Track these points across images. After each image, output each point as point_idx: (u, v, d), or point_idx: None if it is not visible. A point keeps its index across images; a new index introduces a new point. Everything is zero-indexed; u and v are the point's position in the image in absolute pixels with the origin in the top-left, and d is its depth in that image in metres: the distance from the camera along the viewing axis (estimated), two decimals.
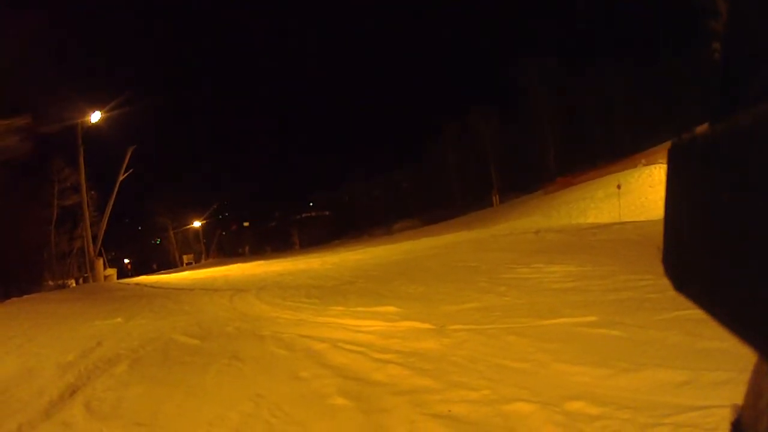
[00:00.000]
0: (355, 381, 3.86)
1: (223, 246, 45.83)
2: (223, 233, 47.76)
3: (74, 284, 24.72)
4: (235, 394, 4.13)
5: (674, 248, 0.61)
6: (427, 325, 5.12)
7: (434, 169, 51.67)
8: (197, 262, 38.86)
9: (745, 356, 0.50)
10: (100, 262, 25.44)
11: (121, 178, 26.29)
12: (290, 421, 3.34)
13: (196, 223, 44.69)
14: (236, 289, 11.69)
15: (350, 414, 3.26)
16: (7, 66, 19.35)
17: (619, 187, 22.46)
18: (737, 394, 0.59)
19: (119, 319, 8.60)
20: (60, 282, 24.42)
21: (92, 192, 26.75)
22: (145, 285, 17.03)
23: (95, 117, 23.61)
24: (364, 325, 5.49)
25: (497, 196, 44.51)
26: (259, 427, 3.35)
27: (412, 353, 4.33)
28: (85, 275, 25.54)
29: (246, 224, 48.33)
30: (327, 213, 45.54)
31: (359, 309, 6.30)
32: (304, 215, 47.55)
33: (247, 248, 42.28)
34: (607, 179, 28.33)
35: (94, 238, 25.30)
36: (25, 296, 14.77)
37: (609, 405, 2.79)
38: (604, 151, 43.62)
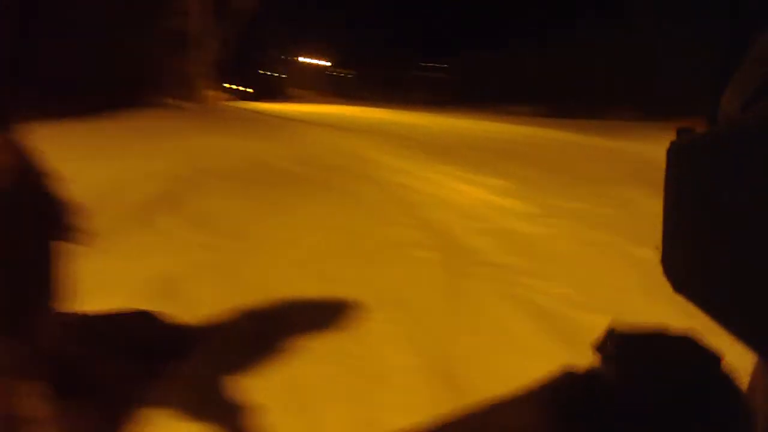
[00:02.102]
0: (443, 239, 3.83)
1: (342, 86, 46.07)
2: (344, 74, 47.79)
3: (182, 104, 26.19)
4: (323, 223, 4.24)
5: (674, 248, 0.61)
6: (530, 208, 5.02)
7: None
8: (308, 98, 39.64)
9: None
10: (214, 84, 26.63)
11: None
12: (369, 261, 3.37)
13: (316, 61, 44.97)
14: (345, 128, 11.80)
15: (430, 269, 3.26)
16: None
17: None
18: None
19: (221, 138, 8.84)
20: (169, 101, 25.88)
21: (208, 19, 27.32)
22: (253, 110, 17.59)
23: None
24: (467, 191, 5.44)
25: None
26: (346, 259, 3.43)
27: (507, 231, 4.26)
28: (195, 97, 26.86)
29: (345, 72, 48.11)
30: (449, 76, 44.26)
31: (465, 174, 6.22)
32: (426, 73, 46.50)
33: (360, 94, 42.41)
34: None
35: (207, 62, 26.29)
36: (132, 112, 15.05)
37: None
38: None
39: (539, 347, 2.34)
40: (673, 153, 0.60)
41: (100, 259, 3.32)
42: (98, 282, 2.90)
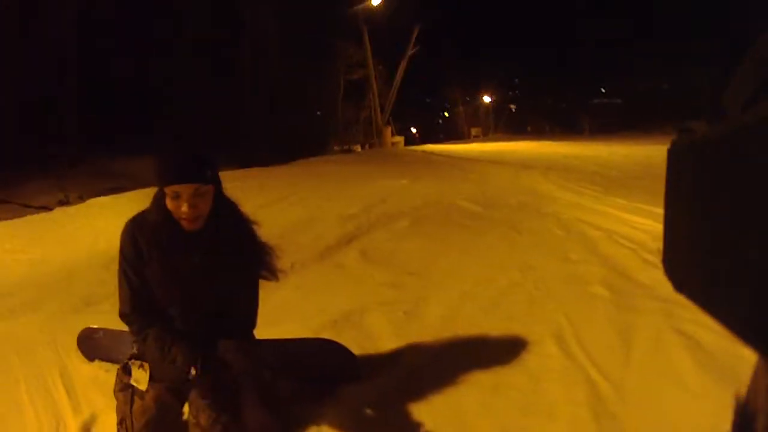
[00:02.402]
0: (619, 275, 3.85)
1: (512, 122, 45.71)
2: (513, 110, 47.46)
3: (360, 149, 27.27)
4: (506, 261, 4.32)
5: (674, 248, 0.61)
6: None
7: None
8: (484, 136, 39.82)
9: None
10: (388, 129, 27.72)
11: (407, 55, 27.83)
12: (549, 297, 3.46)
13: (486, 98, 45.11)
14: (522, 165, 11.81)
15: (605, 305, 3.31)
16: None
17: None
18: None
19: (405, 181, 9.18)
20: (346, 147, 27.24)
21: (380, 66, 28.64)
22: (432, 153, 17.85)
23: (376, 0, 24.97)
24: (642, 223, 5.30)
25: None
26: (521, 296, 3.54)
27: None
28: (371, 141, 28.07)
29: (512, 107, 47.14)
30: (618, 101, 41.88)
31: (640, 206, 6.04)
32: (595, 101, 44.44)
33: (529, 128, 41.66)
34: None
35: (382, 108, 27.58)
36: (311, 158, 15.99)
37: None
38: None
39: (703, 387, 2.31)
40: (673, 153, 0.60)
41: (290, 293, 3.78)
42: (288, 312, 3.31)
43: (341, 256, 4.80)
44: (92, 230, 6.52)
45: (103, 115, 17.57)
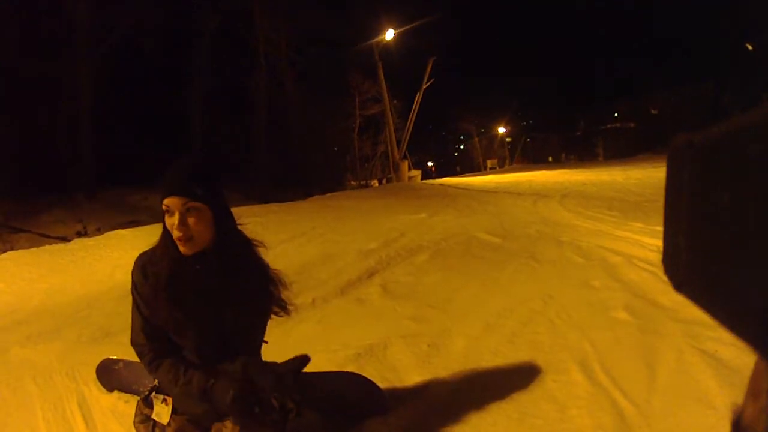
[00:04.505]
0: (641, 299, 3.85)
1: (527, 152, 45.87)
2: (527, 140, 47.64)
3: (377, 184, 27.41)
4: (527, 292, 4.33)
5: (674, 247, 0.61)
6: None
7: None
8: (500, 167, 39.94)
9: None
10: (405, 164, 27.91)
11: (423, 87, 28.05)
12: (572, 325, 3.47)
13: (501, 129, 45.39)
14: (539, 194, 11.83)
15: (628, 330, 3.32)
16: None
17: None
18: None
19: (423, 215, 9.22)
20: (363, 182, 27.43)
21: (395, 101, 28.99)
22: (449, 186, 17.85)
23: (390, 35, 25.52)
24: (660, 246, 5.29)
25: None
26: (543, 325, 3.55)
27: None
28: (389, 176, 28.25)
29: (527, 140, 47.31)
30: (632, 125, 41.90)
31: (658, 228, 6.00)
32: (609, 126, 44.50)
33: (550, 158, 41.70)
34: None
35: (398, 142, 27.85)
36: (328, 194, 16.08)
37: None
38: None
39: (728, 403, 2.30)
40: (673, 152, 0.60)
41: (312, 327, 3.84)
42: (311, 345, 3.33)
43: (362, 290, 4.85)
44: (109, 262, 6.66)
45: (122, 148, 17.95)
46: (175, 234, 1.79)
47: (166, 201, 1.79)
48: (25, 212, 13.33)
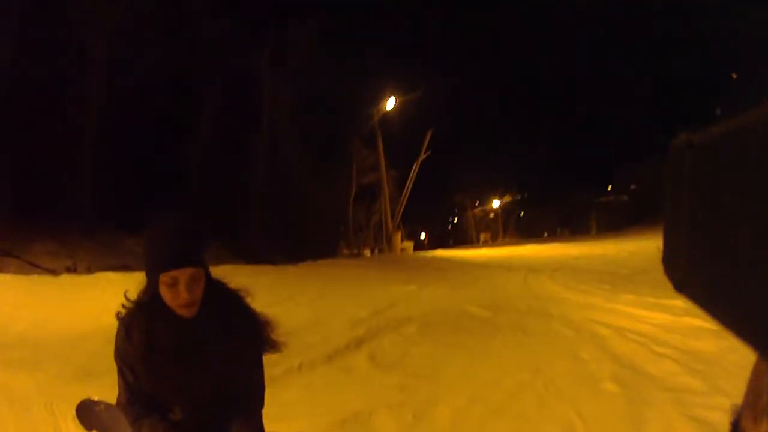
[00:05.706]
0: (629, 370, 3.84)
1: (521, 226, 46.17)
2: (521, 214, 48.08)
3: (369, 254, 27.28)
4: (515, 364, 4.33)
5: (674, 248, 0.60)
6: (708, 324, 4.73)
7: None
8: (494, 241, 40.11)
9: None
10: (398, 235, 27.94)
11: (420, 158, 28.42)
12: (560, 397, 3.46)
13: (495, 203, 45.90)
14: (531, 269, 11.87)
15: (616, 400, 3.30)
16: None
17: None
18: None
19: (413, 287, 9.17)
20: (355, 251, 27.33)
21: (392, 171, 29.28)
22: (441, 258, 17.97)
23: (390, 104, 26.12)
24: (650, 317, 5.29)
25: None
26: (531, 397, 3.54)
27: (688, 351, 4.12)
28: (381, 246, 28.20)
29: (521, 214, 47.94)
30: (625, 198, 42.52)
31: (649, 299, 6.04)
32: (602, 199, 45.13)
33: (546, 233, 42.01)
34: None
35: (393, 213, 27.95)
36: (320, 260, 15.93)
37: None
38: None
39: None
40: (673, 152, 0.59)
41: (298, 392, 3.80)
42: (296, 411, 3.33)
43: (350, 358, 4.83)
44: (98, 304, 6.57)
45: (121, 190, 17.87)
46: (182, 302, 1.73)
47: (172, 273, 1.70)
48: (18, 237, 13.23)
